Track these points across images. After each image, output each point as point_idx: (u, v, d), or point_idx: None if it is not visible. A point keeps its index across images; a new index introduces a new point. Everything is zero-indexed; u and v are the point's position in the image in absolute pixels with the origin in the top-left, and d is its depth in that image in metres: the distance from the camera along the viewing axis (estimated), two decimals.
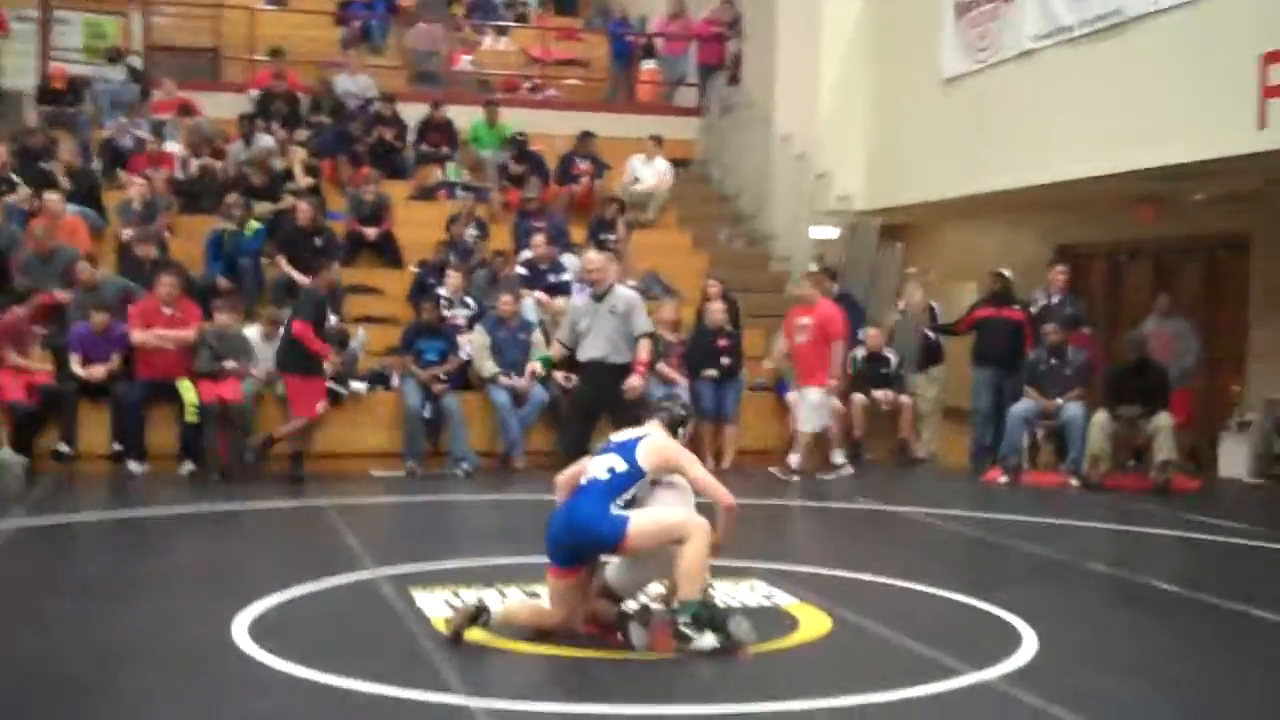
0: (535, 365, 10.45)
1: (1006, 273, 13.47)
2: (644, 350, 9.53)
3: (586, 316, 9.51)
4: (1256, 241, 14.08)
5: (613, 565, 6.18)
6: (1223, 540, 9.28)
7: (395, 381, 12.13)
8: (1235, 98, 10.99)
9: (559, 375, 12.15)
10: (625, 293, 9.70)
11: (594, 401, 9.53)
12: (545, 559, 6.18)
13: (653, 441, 6.20)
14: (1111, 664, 5.94)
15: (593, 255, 9.90)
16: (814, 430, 11.91)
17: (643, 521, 5.94)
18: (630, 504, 6.03)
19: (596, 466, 6.15)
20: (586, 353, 9.50)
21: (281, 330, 11.42)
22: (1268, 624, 6.71)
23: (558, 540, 6.08)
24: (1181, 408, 12.42)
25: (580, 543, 6.01)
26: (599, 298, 9.51)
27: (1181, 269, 15.16)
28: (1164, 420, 11.63)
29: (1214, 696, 5.48)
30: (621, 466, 6.08)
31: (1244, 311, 14.18)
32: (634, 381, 9.36)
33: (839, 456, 12.18)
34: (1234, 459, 12.48)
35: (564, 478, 6.36)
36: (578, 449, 9.25)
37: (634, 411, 8.90)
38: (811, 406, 11.84)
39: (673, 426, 6.40)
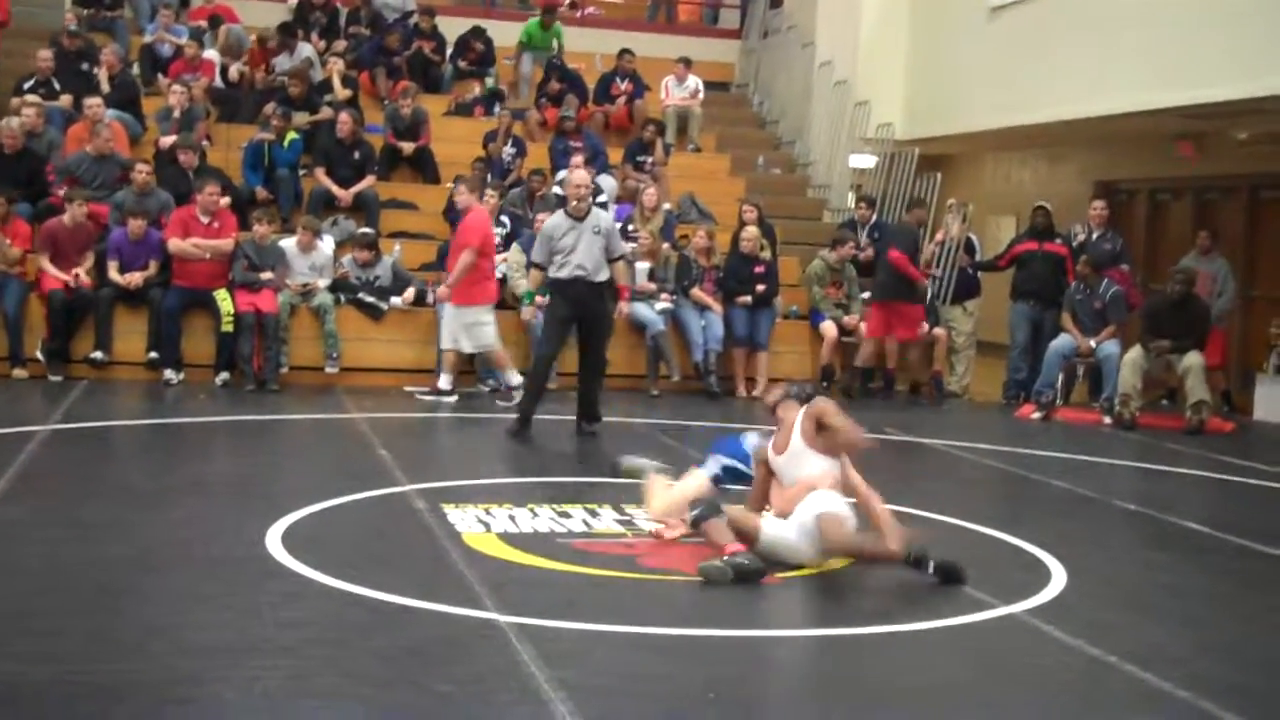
0: (527, 310, 10.36)
1: (1049, 206, 13.36)
2: (624, 274, 9.80)
3: (568, 235, 9.47)
4: None
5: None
6: (1254, 483, 9.25)
7: (431, 298, 12.13)
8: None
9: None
10: (604, 213, 9.80)
11: (572, 317, 9.60)
12: (576, 478, 6.21)
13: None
14: (1137, 601, 5.95)
15: (581, 174, 9.88)
16: (476, 350, 11.40)
17: None
18: None
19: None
20: (567, 270, 9.48)
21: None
22: None
23: None
24: (1216, 349, 12.33)
25: None
26: (580, 217, 9.51)
27: (1223, 208, 15.00)
28: (1195, 360, 11.53)
29: (1237, 636, 5.48)
30: None
31: None
32: (625, 306, 9.57)
33: (513, 377, 11.19)
34: (1270, 402, 12.38)
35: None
36: (550, 363, 9.83)
37: (608, 328, 9.49)
38: (462, 326, 11.18)
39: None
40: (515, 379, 11.06)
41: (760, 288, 12.61)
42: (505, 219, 13.00)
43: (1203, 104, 11.95)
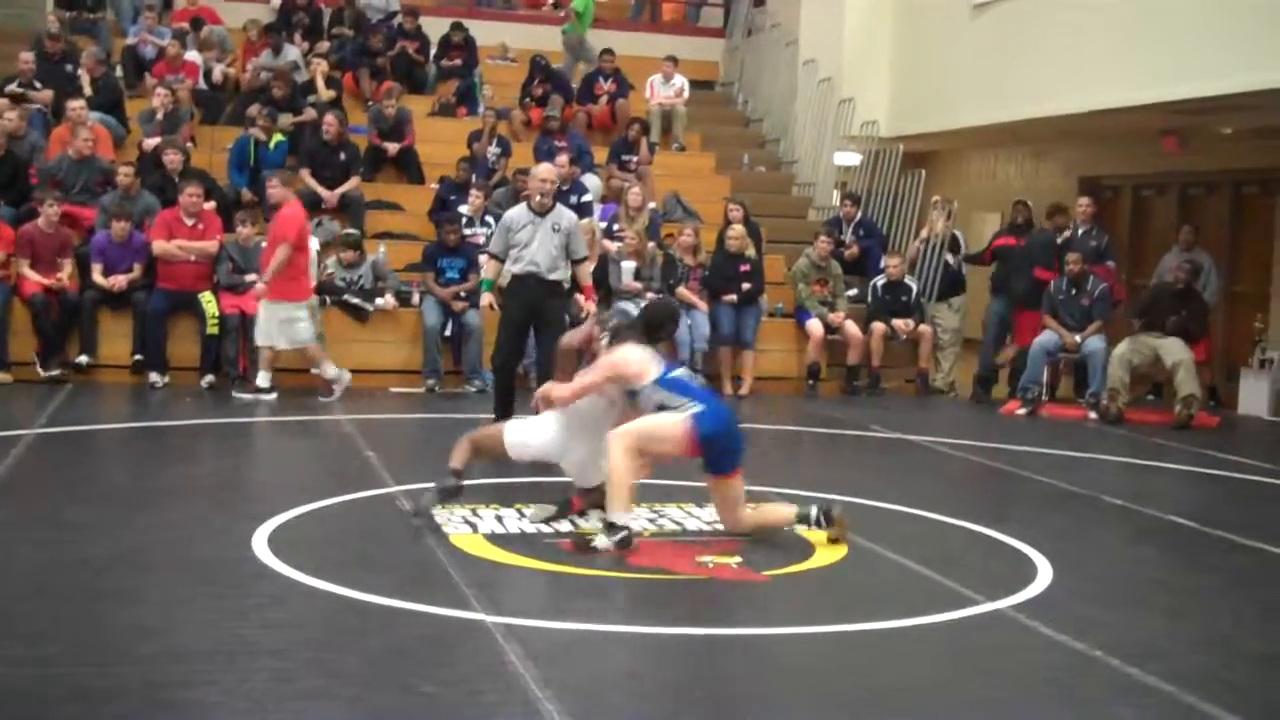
0: (485, 297, 9.95)
1: (1029, 202, 13.40)
2: (586, 275, 9.56)
3: (525, 229, 9.23)
4: None
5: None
6: (1241, 477, 9.28)
7: (415, 299, 12.12)
8: (1267, 30, 10.85)
9: (579, 298, 12.13)
10: (568, 212, 9.56)
11: (524, 318, 9.36)
12: (563, 478, 6.21)
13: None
14: (1124, 597, 5.97)
15: (547, 167, 9.61)
16: (291, 347, 11.05)
17: None
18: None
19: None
20: (521, 265, 9.27)
21: None
22: (1273, 557, 6.73)
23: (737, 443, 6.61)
24: (1201, 344, 12.36)
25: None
26: (541, 213, 9.30)
27: (1206, 203, 15.04)
28: (1185, 355, 11.58)
29: (1224, 631, 5.50)
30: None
31: (1269, 248, 14.09)
32: (590, 306, 9.38)
33: (263, 379, 10.96)
34: (1255, 396, 12.42)
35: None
36: (513, 363, 9.58)
37: (562, 327, 9.07)
38: (277, 323, 10.92)
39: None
40: (332, 371, 10.96)
41: (746, 286, 12.62)
42: (490, 219, 12.98)
43: (1186, 99, 11.97)
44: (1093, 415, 11.75)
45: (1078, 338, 12.14)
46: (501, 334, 9.48)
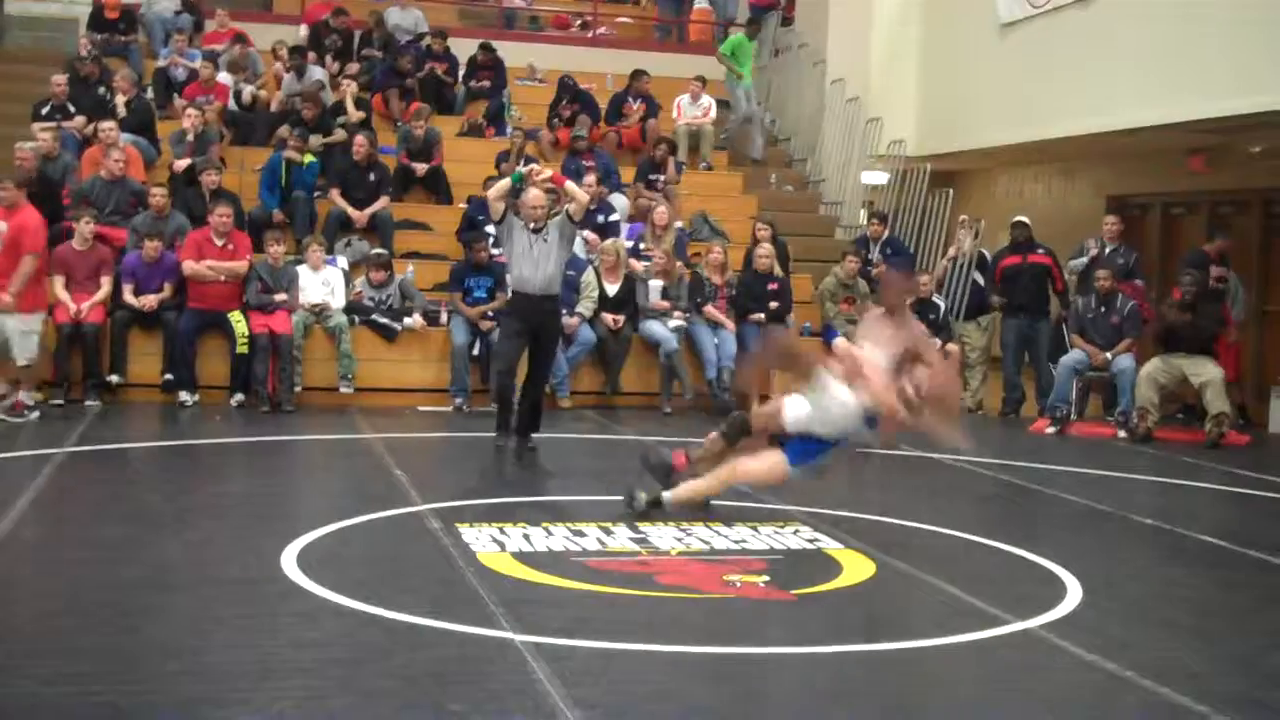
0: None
1: (1026, 220, 13.39)
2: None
3: (521, 244, 9.36)
4: None
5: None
6: (1272, 496, 9.22)
7: (444, 318, 12.17)
8: None
9: (608, 317, 12.20)
10: (553, 221, 9.55)
11: (528, 329, 9.52)
12: (590, 496, 6.23)
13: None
14: (1154, 616, 5.93)
15: (536, 194, 9.47)
16: (24, 362, 10.46)
17: None
18: None
19: None
20: (520, 283, 9.46)
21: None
22: None
23: None
24: (1230, 362, 12.31)
25: None
26: (536, 232, 9.37)
27: (1236, 222, 14.97)
28: (1215, 373, 11.52)
29: (1254, 651, 5.46)
30: None
31: None
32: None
33: (26, 396, 10.48)
34: None
35: None
36: (508, 379, 9.62)
37: (557, 343, 9.80)
38: (19, 334, 10.42)
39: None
40: (29, 399, 10.49)
41: (773, 305, 12.62)
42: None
43: (1213, 118, 11.95)
44: (1122, 434, 11.70)
45: (1107, 355, 12.10)
46: (503, 345, 9.77)
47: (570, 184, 9.76)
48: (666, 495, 7.13)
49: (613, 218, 13.69)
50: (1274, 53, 11.17)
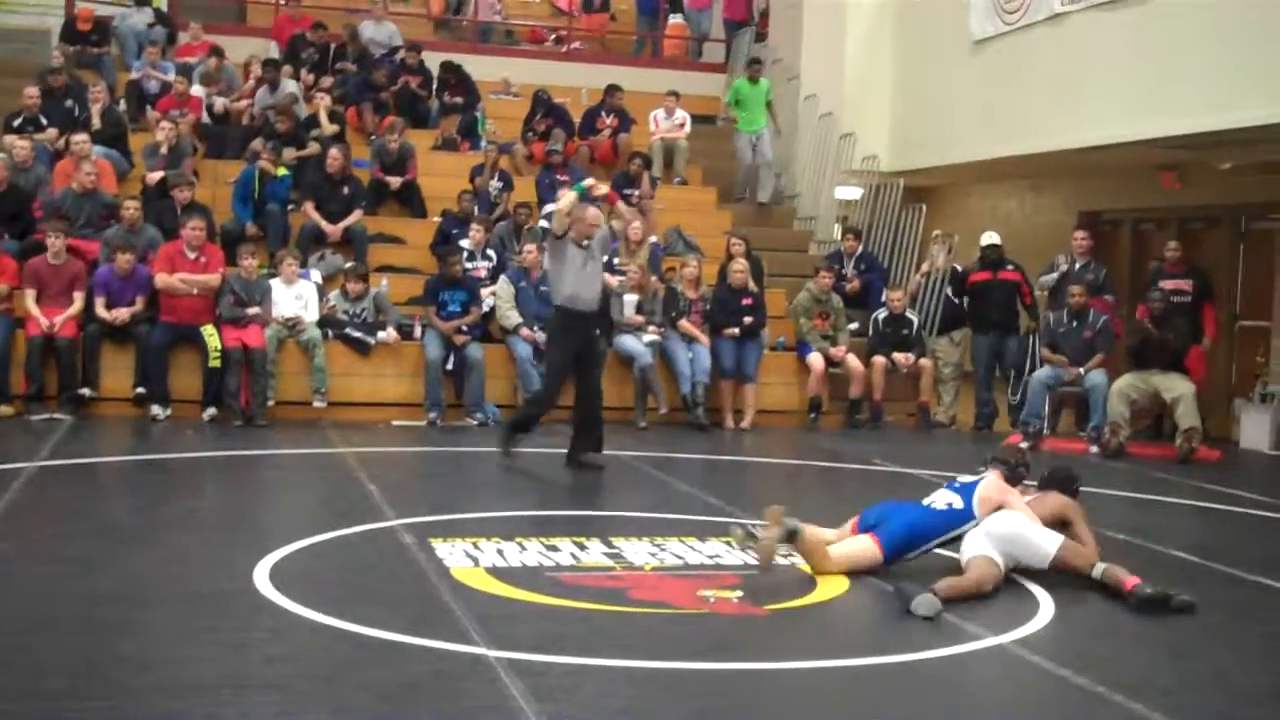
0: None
1: (995, 238, 13.49)
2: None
3: (573, 261, 9.43)
4: None
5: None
6: (1242, 511, 9.28)
7: (417, 332, 12.15)
8: (1267, 65, 10.91)
9: None
10: (599, 233, 9.66)
11: (580, 349, 9.62)
12: (564, 510, 6.21)
13: (989, 484, 6.72)
14: (1126, 631, 5.96)
15: (595, 211, 9.64)
16: None
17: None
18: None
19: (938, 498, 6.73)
20: (570, 300, 9.49)
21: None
22: (1277, 593, 6.72)
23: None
24: (1196, 367, 12.42)
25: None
26: (585, 248, 9.47)
27: (1207, 237, 15.07)
28: (1186, 388, 11.61)
29: (1225, 666, 5.50)
30: (959, 504, 6.64)
31: (1270, 283, 14.11)
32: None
33: None
34: (1255, 429, 12.43)
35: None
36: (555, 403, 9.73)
37: (602, 361, 9.83)
38: None
39: (1013, 479, 6.81)
40: None
41: (748, 320, 12.65)
42: (491, 252, 13.04)
43: (1184, 135, 12.03)
44: (1094, 449, 11.77)
45: (1079, 370, 12.17)
46: (558, 366, 9.70)
47: (620, 203, 9.80)
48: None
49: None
50: (1244, 70, 11.25)
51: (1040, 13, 13.88)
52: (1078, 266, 13.16)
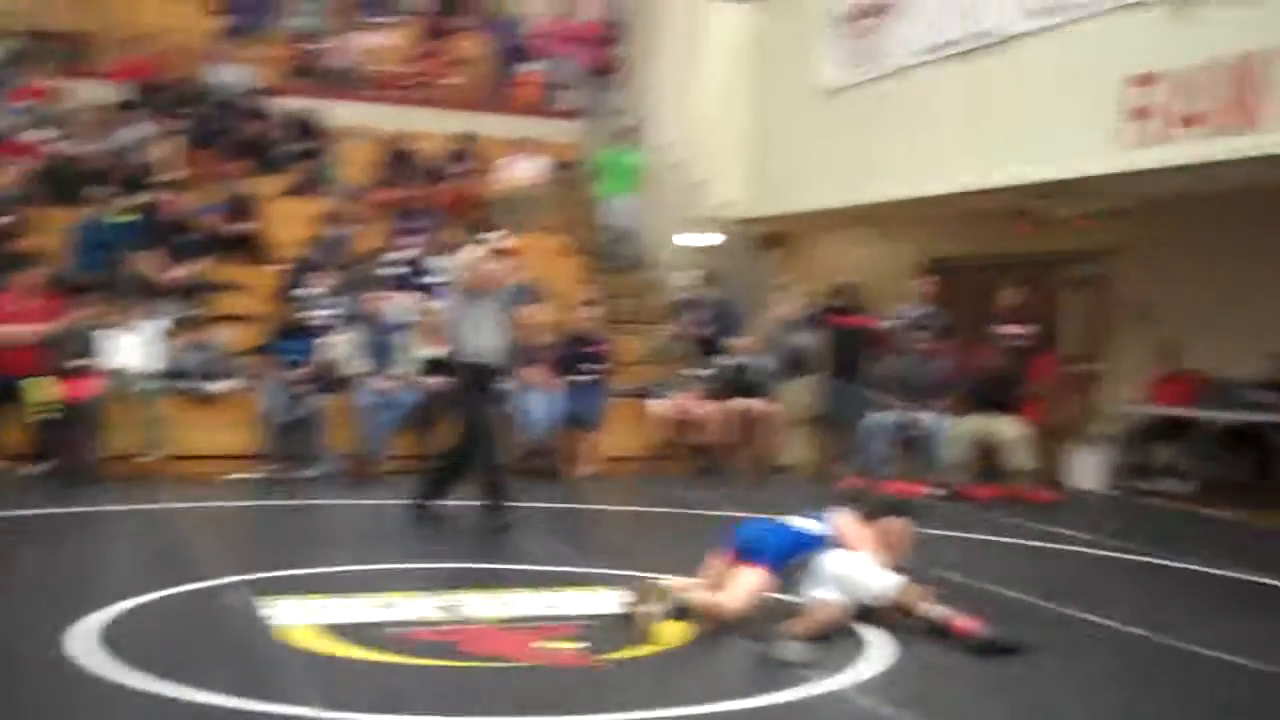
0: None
1: (854, 282, 13.66)
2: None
3: (477, 313, 9.23)
4: (1117, 258, 14.40)
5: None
6: (1072, 549, 9.47)
7: (257, 382, 11.90)
8: (1104, 118, 11.25)
9: (428, 380, 12.06)
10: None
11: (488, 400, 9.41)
12: (402, 564, 6.09)
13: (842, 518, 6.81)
14: (957, 671, 6.02)
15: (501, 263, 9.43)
16: None
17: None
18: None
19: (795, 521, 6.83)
20: (476, 353, 9.24)
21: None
22: (1111, 630, 6.85)
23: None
24: (1033, 412, 12.71)
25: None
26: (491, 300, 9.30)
27: (1044, 283, 15.43)
28: (1018, 430, 11.89)
29: (1054, 703, 5.60)
30: (816, 529, 6.73)
31: (1103, 326, 14.49)
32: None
33: None
34: (1087, 470, 12.76)
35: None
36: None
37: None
38: None
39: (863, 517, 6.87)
40: None
41: (595, 366, 12.62)
42: (334, 300, 12.82)
43: (1025, 184, 12.34)
44: (933, 491, 11.93)
45: (919, 414, 12.36)
46: (483, 419, 9.31)
47: (521, 256, 9.67)
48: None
49: (438, 279, 13.56)
50: (1080, 121, 11.58)
51: (891, 64, 14.16)
52: (922, 312, 13.39)
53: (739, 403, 13.09)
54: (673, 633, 6.35)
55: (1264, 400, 11.84)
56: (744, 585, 6.54)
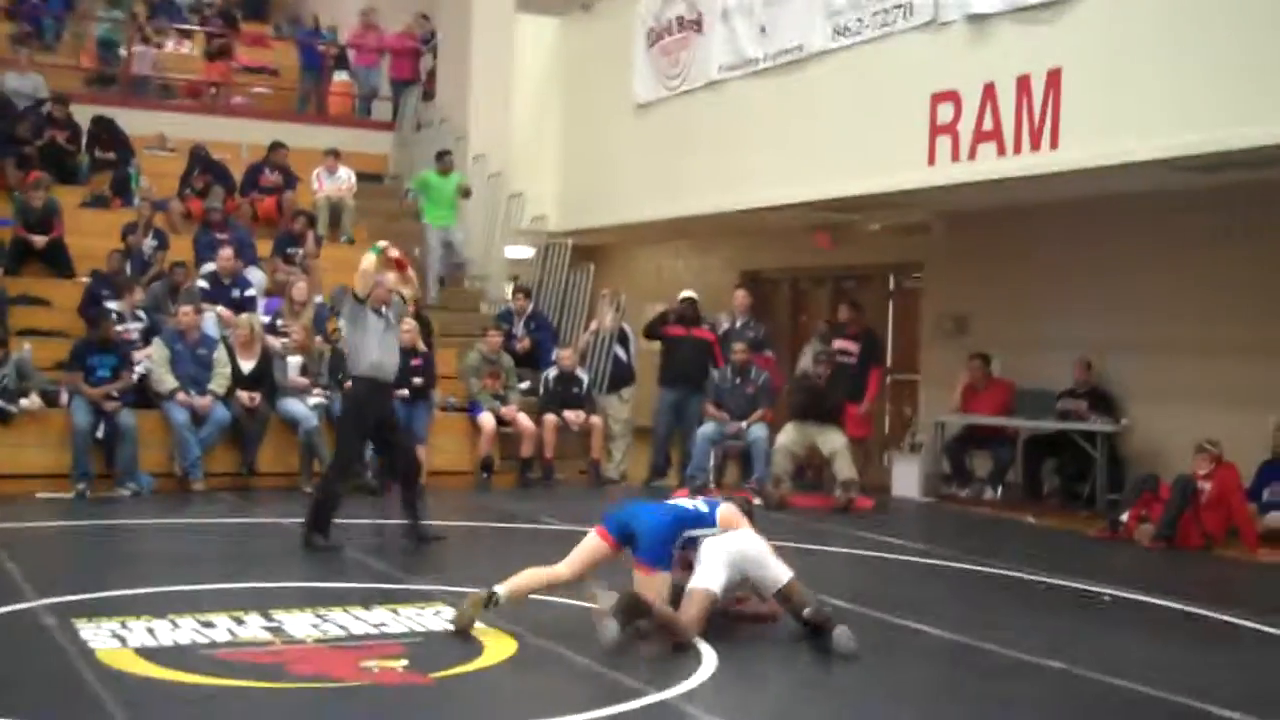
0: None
1: (694, 295, 13.78)
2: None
3: (373, 332, 8.99)
4: (928, 271, 14.83)
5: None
6: (894, 558, 9.68)
7: (64, 399, 11.47)
8: (908, 134, 11.56)
9: (243, 394, 11.79)
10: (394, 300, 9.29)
11: (374, 418, 9.17)
12: (221, 584, 5.92)
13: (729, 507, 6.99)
14: (783, 680, 6.12)
15: (393, 275, 9.16)
16: None
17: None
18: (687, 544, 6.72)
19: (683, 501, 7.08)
20: (369, 369, 9.01)
21: None
22: (930, 636, 7.03)
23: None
24: (857, 423, 12.98)
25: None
26: (384, 316, 9.09)
27: (861, 295, 15.80)
28: (841, 441, 12.11)
29: (877, 705, 5.75)
30: (704, 509, 6.88)
31: (918, 337, 14.90)
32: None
33: None
34: (906, 478, 13.05)
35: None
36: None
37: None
38: None
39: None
40: None
41: (417, 380, 12.47)
42: (141, 314, 12.45)
43: (833, 198, 12.61)
44: (757, 501, 12.05)
45: (741, 425, 12.52)
46: (352, 440, 9.19)
47: (410, 269, 9.38)
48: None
49: (249, 292, 13.30)
50: (886, 138, 11.89)
51: (699, 79, 14.36)
52: (739, 324, 13.57)
53: (561, 414, 13.09)
54: (499, 649, 6.31)
55: (1072, 409, 12.27)
56: (651, 589, 6.54)
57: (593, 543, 6.78)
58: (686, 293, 13.88)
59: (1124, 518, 10.53)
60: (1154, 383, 12.09)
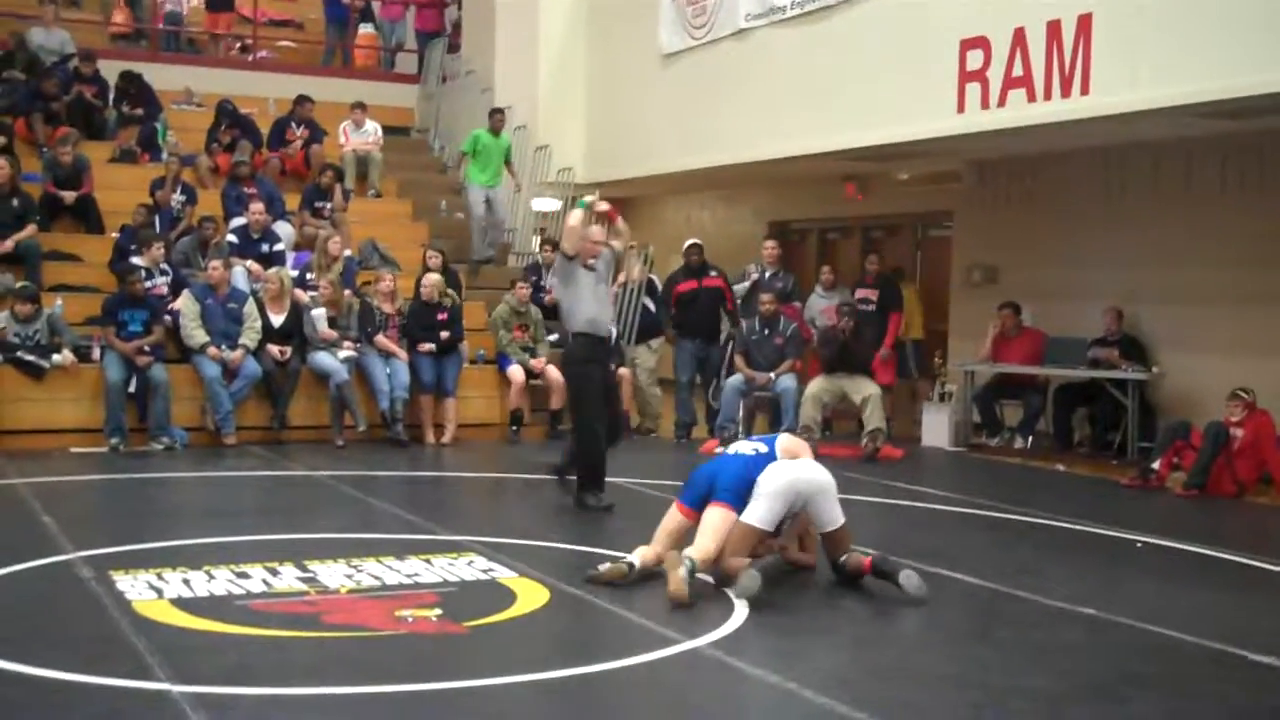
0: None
1: (700, 243, 13.73)
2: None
3: (584, 286, 8.82)
4: (957, 220, 14.75)
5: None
6: (923, 506, 9.70)
7: (96, 354, 11.55)
8: (937, 81, 11.47)
9: (273, 348, 11.84)
10: (603, 253, 9.01)
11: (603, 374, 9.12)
12: (255, 536, 5.97)
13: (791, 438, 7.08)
14: (813, 627, 6.14)
15: (598, 229, 8.97)
16: None
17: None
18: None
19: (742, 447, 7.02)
20: (584, 323, 8.85)
21: None
22: (963, 584, 7.03)
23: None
24: (883, 372, 12.97)
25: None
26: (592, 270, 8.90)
27: (889, 245, 15.75)
28: (873, 389, 12.09)
29: (902, 654, 5.77)
30: (764, 449, 6.85)
31: (947, 287, 14.84)
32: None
33: None
34: (936, 429, 13.03)
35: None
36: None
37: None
38: None
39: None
40: None
41: (445, 334, 12.51)
42: (167, 267, 12.48)
43: (862, 147, 12.54)
44: None
45: (770, 376, 12.51)
46: (592, 397, 8.89)
47: (620, 219, 9.18)
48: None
49: (277, 246, 13.32)
50: (915, 85, 11.80)
51: (726, 28, 14.26)
52: (768, 275, 13.54)
53: None
54: (532, 598, 6.36)
55: (1103, 357, 12.22)
56: (716, 531, 6.59)
57: (676, 520, 6.85)
58: (691, 240, 13.84)
59: (1156, 466, 10.50)
60: (1186, 331, 12.03)
